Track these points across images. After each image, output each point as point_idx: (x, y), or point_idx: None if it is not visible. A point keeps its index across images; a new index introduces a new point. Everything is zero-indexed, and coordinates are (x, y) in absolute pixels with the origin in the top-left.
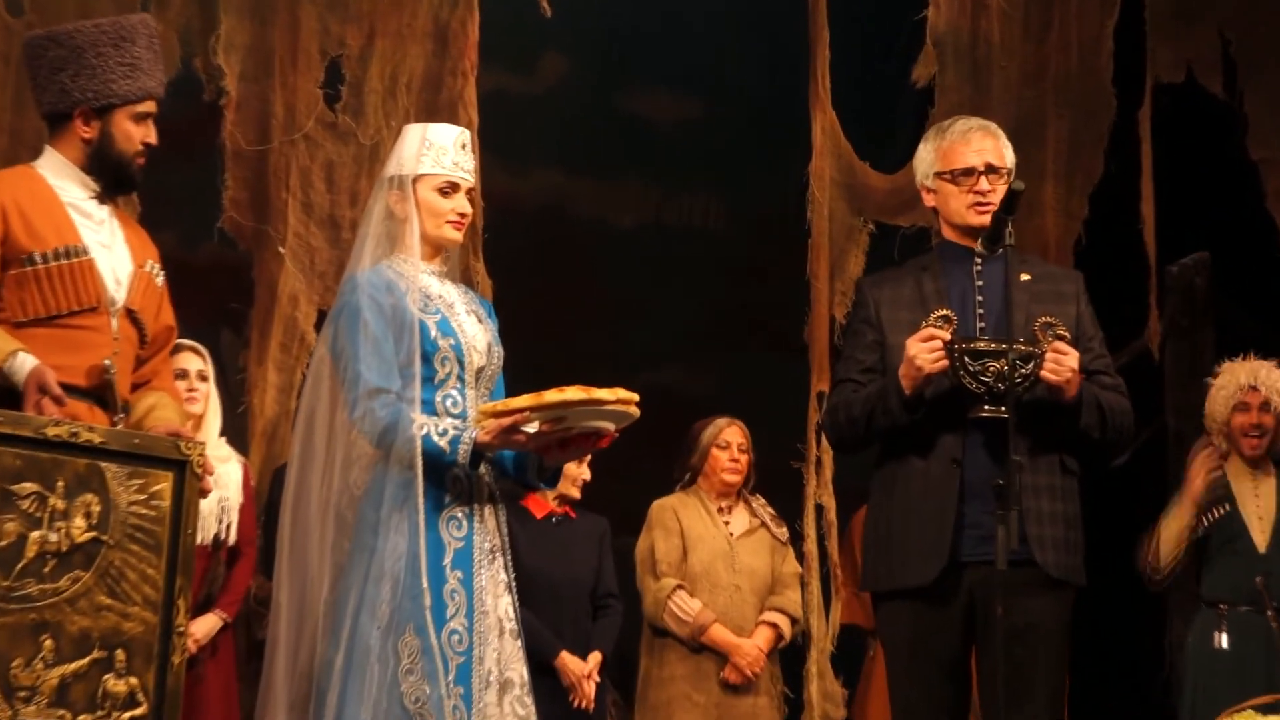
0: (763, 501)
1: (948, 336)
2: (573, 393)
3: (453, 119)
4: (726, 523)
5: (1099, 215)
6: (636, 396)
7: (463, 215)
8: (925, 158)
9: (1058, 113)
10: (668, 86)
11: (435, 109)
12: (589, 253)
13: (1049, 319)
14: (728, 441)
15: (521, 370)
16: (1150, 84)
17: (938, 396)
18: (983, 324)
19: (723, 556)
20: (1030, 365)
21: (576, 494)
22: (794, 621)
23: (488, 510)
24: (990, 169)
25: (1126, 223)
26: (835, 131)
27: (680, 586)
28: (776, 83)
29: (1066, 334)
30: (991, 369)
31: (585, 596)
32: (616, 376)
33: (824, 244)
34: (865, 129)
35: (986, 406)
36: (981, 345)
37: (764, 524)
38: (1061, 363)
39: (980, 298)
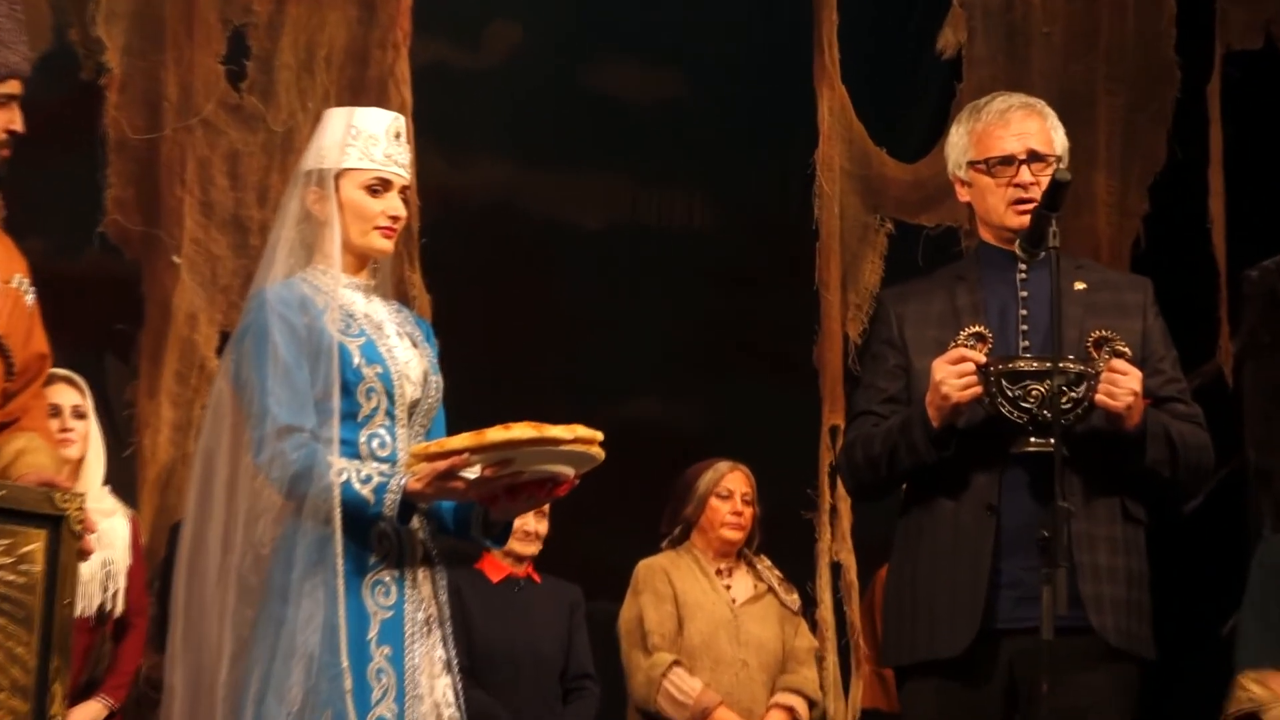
0: (769, 563)
1: (982, 358)
2: (522, 430)
3: (381, 100)
4: (728, 587)
5: (1160, 211)
6: (599, 435)
7: (395, 219)
8: (957, 143)
9: (1110, 89)
10: (642, 59)
11: (360, 88)
12: (547, 260)
13: (1104, 332)
14: (729, 490)
15: (464, 404)
16: (1221, 53)
17: (971, 429)
18: (1027, 343)
19: (725, 627)
20: (1082, 388)
21: (531, 550)
22: (811, 704)
23: (422, 573)
24: (1034, 156)
25: (1192, 220)
26: (846, 112)
27: (677, 662)
28: (775, 54)
29: (1126, 350)
30: (1034, 393)
31: (553, 676)
32: (580, 410)
33: (834, 247)
34: (881, 109)
35: (1030, 439)
36: (1022, 365)
37: (771, 589)
38: (1120, 384)
39: (1024, 312)
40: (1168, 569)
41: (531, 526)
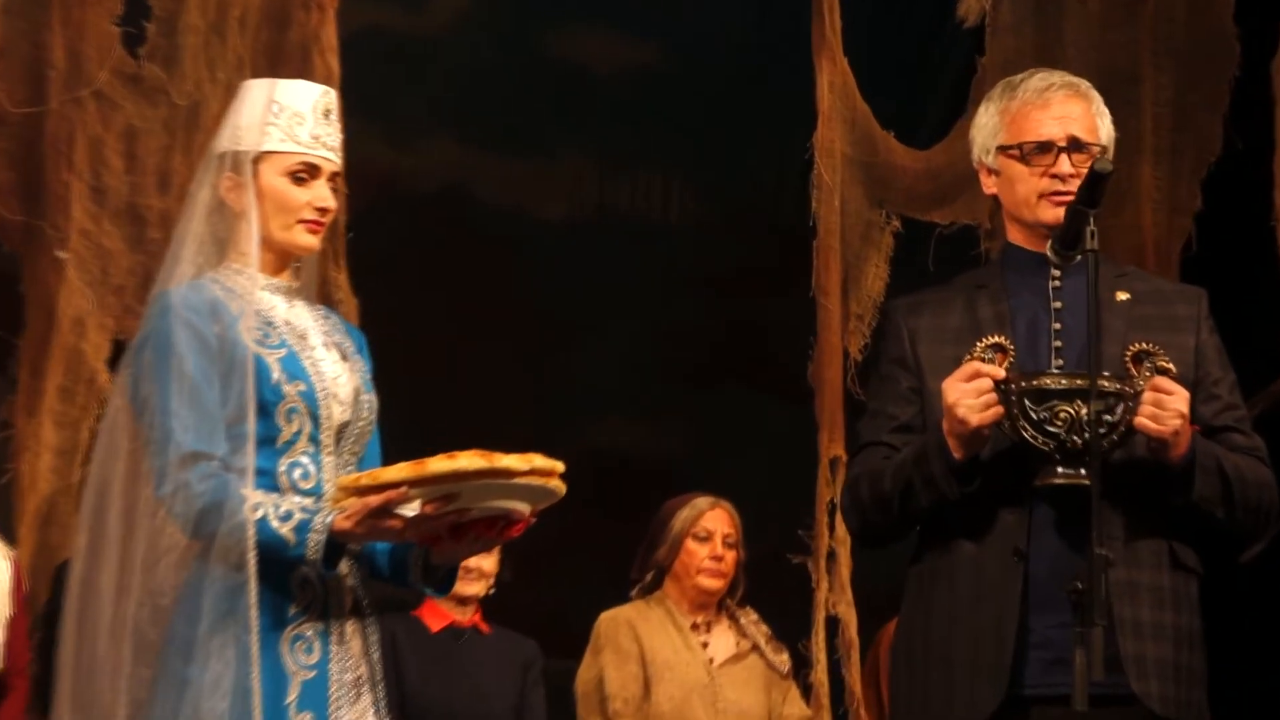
0: (755, 617)
1: (1000, 373)
2: (469, 460)
3: (304, 70)
4: (705, 644)
5: (1216, 208)
6: (560, 465)
7: (323, 211)
8: (987, 124)
9: (1157, 64)
10: (614, 26)
11: (280, 56)
12: (501, 258)
13: (1146, 344)
14: (709, 531)
15: (401, 428)
16: None
17: (994, 459)
18: (1060, 361)
19: (700, 691)
20: (1119, 410)
21: (475, 589)
22: None
23: (350, 627)
24: (1076, 145)
25: (1254, 218)
26: (849, 90)
27: None
28: (768, 21)
29: (1171, 367)
30: (1063, 415)
31: None
32: (539, 435)
33: (834, 247)
34: (891, 87)
35: (1058, 470)
36: (1048, 383)
37: (756, 647)
38: (1165, 405)
39: (1057, 325)
40: (1224, 626)
41: (474, 562)
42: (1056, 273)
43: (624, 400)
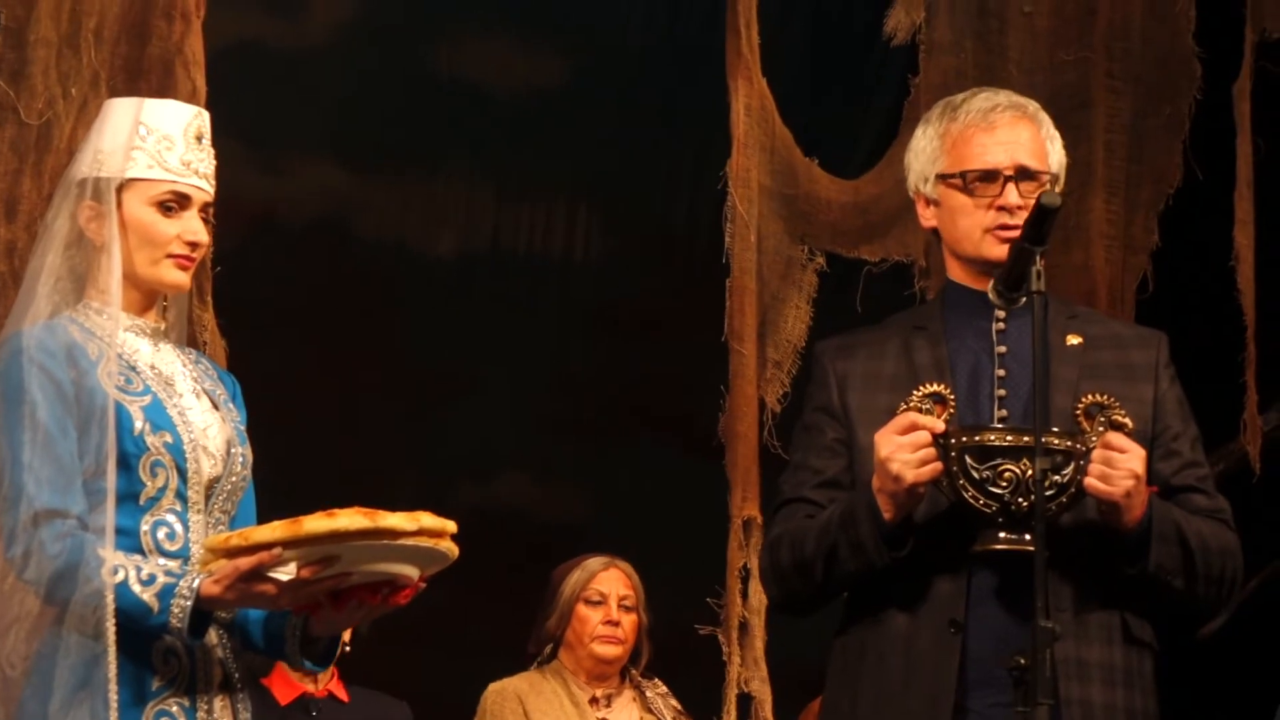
0: (664, 689)
1: (940, 425)
2: (350, 519)
3: (166, 85)
4: (603, 719)
5: (1174, 245)
6: (451, 525)
7: (194, 245)
8: (925, 149)
9: (1111, 87)
10: (511, 38)
11: (138, 70)
12: (386, 295)
13: (1099, 397)
14: (602, 594)
15: (274, 484)
16: (1253, 42)
17: (930, 521)
18: (1004, 412)
19: None
20: (1069, 470)
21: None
22: None
23: (219, 703)
24: (1024, 173)
25: (1214, 256)
26: (767, 112)
27: None
28: (678, 35)
29: (1127, 422)
30: (1007, 475)
31: None
32: (428, 492)
33: (749, 286)
34: (813, 109)
35: (1001, 534)
36: (992, 439)
37: None
38: (1116, 464)
39: (1002, 372)
40: (1182, 707)
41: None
42: (1001, 314)
43: (518, 455)
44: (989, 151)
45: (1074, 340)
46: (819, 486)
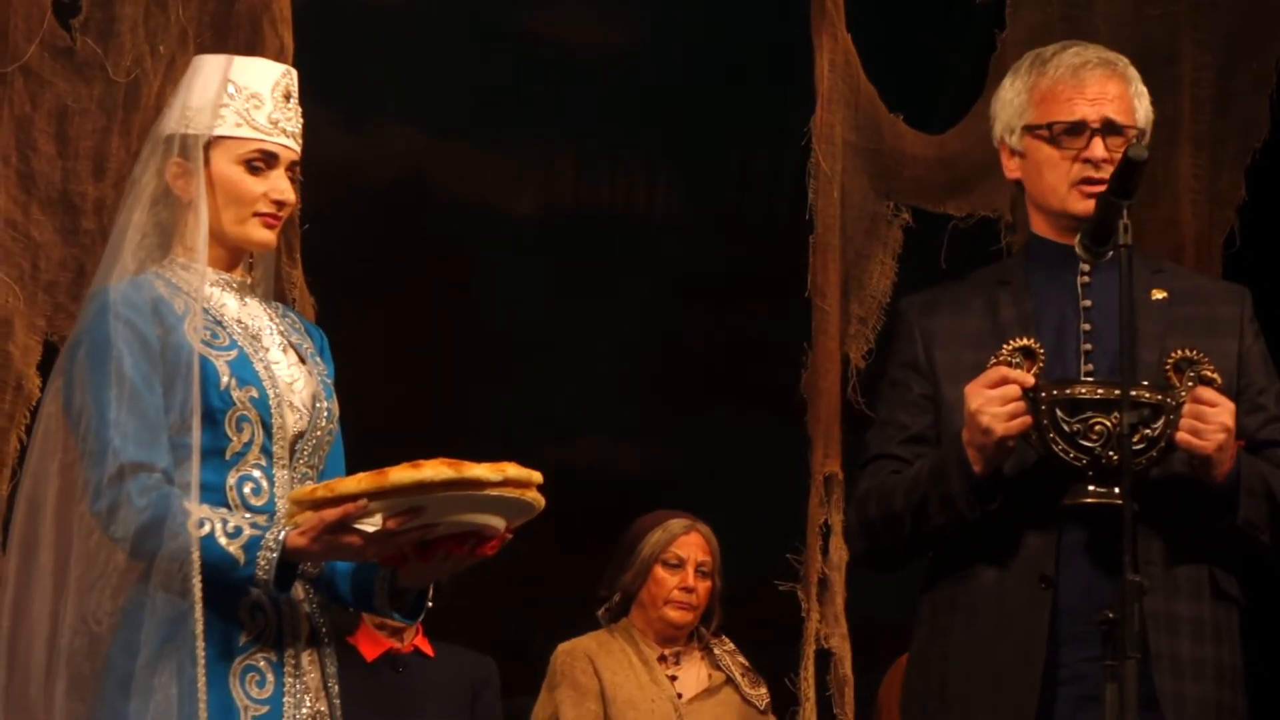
0: (730, 647)
1: (1030, 380)
2: (435, 470)
3: (254, 45)
4: (673, 678)
5: (1261, 199)
6: (537, 476)
7: (281, 204)
8: (1012, 100)
9: (1197, 41)
10: (590, 1)
11: (226, 28)
12: (466, 255)
13: (1189, 352)
14: (681, 558)
15: (362, 439)
16: None
17: (1019, 475)
18: (1090, 366)
19: None
20: (1159, 424)
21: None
22: None
23: (307, 657)
24: (1111, 127)
25: None
26: (852, 68)
27: None
28: None
29: (1216, 377)
30: (1098, 429)
31: None
32: (510, 449)
33: (834, 243)
34: (900, 65)
35: (1089, 488)
36: (1083, 393)
37: (730, 680)
38: (1207, 419)
39: (1087, 326)
40: (1269, 662)
41: None
42: (1086, 269)
43: (599, 413)
44: (1077, 105)
45: (1159, 295)
46: (906, 442)
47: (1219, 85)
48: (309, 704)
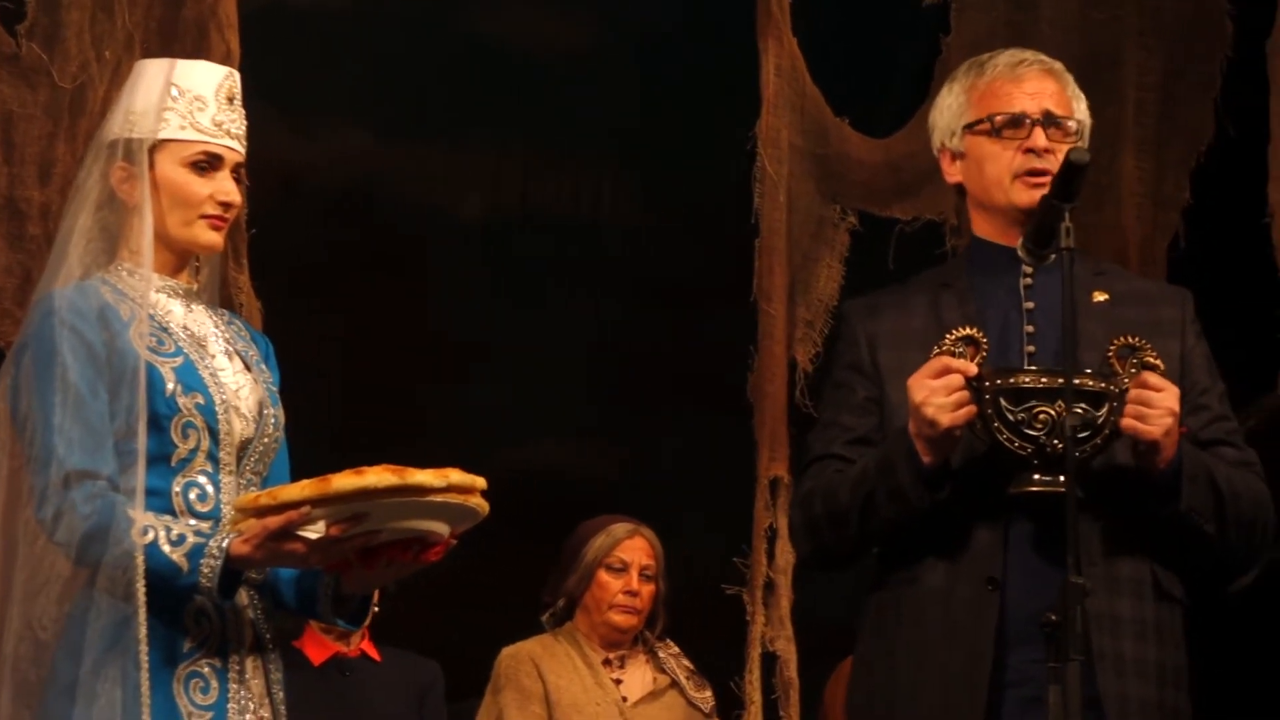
0: (675, 650)
1: (973, 369)
2: (378, 476)
3: (200, 48)
4: (618, 681)
5: (1205, 203)
6: (480, 481)
7: (227, 205)
8: (951, 105)
9: (1143, 45)
10: (540, 2)
11: (173, 33)
12: (414, 258)
13: (1132, 339)
14: (625, 562)
15: (306, 446)
16: None
17: (965, 466)
18: (1033, 367)
19: None
20: (1104, 411)
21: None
22: None
23: (251, 664)
24: (1050, 119)
25: (1248, 214)
26: (798, 73)
27: None
28: None
29: (1159, 364)
30: (1042, 417)
31: None
32: (456, 453)
33: (780, 247)
34: (845, 70)
35: (1036, 475)
36: (1027, 381)
37: (675, 684)
38: (1153, 404)
39: (1030, 328)
40: (1211, 664)
41: None
42: (1028, 271)
43: (546, 417)
44: (1016, 98)
45: (1101, 297)
46: (850, 444)
47: (1164, 89)
48: (253, 710)
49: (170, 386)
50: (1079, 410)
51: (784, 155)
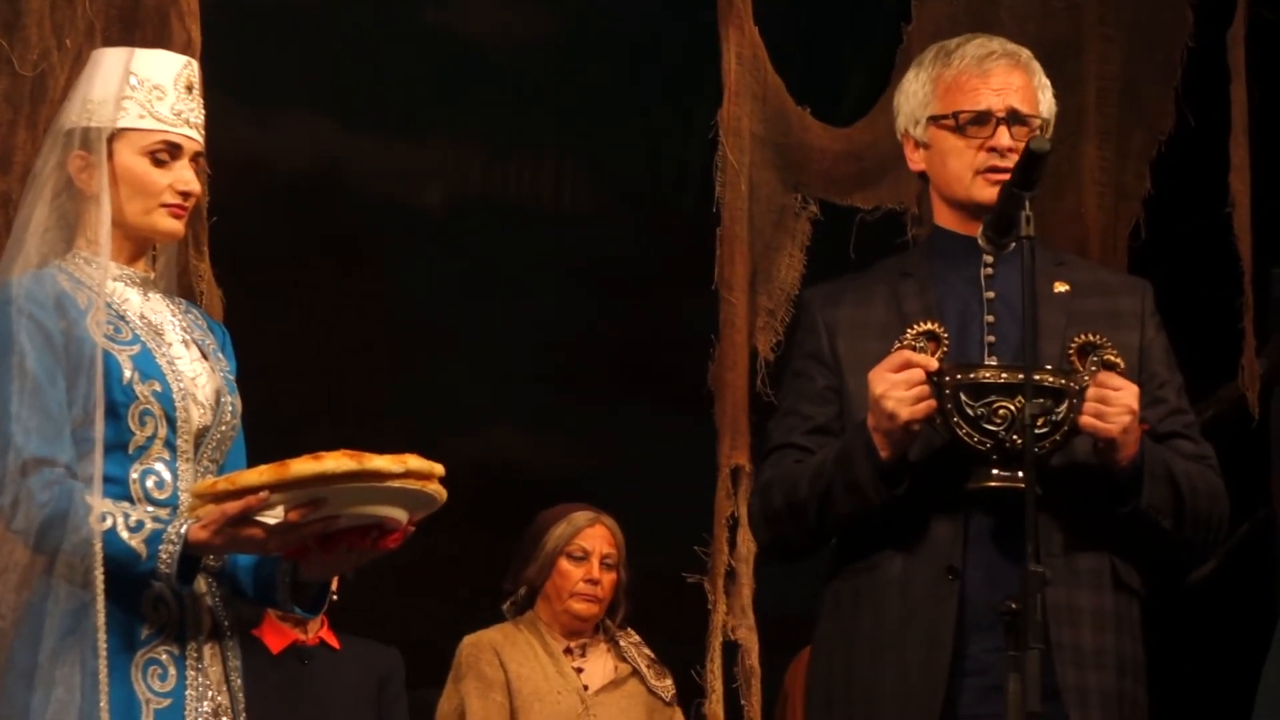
0: (636, 639)
1: (934, 364)
2: (336, 461)
3: (162, 38)
4: (579, 670)
5: (1167, 193)
6: (439, 468)
7: (186, 194)
8: (916, 92)
9: (1103, 34)
10: None
11: (134, 21)
12: (375, 248)
13: (1092, 337)
14: (585, 550)
15: (266, 432)
16: None
17: (924, 460)
18: (993, 359)
19: None
20: (1063, 408)
21: None
22: None
23: (209, 650)
24: (1015, 117)
25: (1209, 204)
26: (759, 60)
27: None
28: None
29: (1119, 361)
30: (1002, 413)
31: None
32: (415, 441)
33: (740, 234)
34: (805, 58)
35: (994, 471)
36: (987, 377)
37: (636, 672)
38: (1111, 402)
39: (991, 318)
40: (1168, 654)
41: None
42: (989, 260)
43: (507, 406)
44: (982, 95)
45: (1061, 288)
46: (809, 433)
47: (1124, 78)
48: (211, 697)
49: (128, 374)
50: (1038, 401)
51: (745, 144)
